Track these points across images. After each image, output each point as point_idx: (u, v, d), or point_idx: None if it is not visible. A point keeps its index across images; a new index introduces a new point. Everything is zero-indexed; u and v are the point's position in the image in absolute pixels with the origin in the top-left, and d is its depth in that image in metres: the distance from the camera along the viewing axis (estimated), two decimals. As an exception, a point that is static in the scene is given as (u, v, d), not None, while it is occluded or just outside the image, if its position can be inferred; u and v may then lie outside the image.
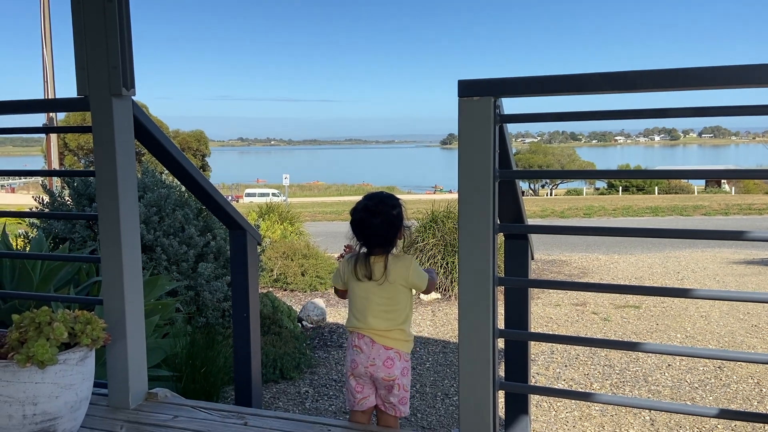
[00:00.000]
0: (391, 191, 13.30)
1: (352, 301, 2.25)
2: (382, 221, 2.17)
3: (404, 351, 2.22)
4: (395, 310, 2.19)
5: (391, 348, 2.18)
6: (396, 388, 2.20)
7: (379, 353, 2.17)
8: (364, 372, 2.19)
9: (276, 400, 4.24)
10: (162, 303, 3.89)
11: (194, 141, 36.14)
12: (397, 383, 2.20)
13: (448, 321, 6.32)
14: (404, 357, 2.22)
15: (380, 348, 2.17)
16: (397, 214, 2.21)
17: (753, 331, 5.71)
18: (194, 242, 4.95)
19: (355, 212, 2.22)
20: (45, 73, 15.90)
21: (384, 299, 2.18)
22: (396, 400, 2.22)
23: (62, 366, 1.91)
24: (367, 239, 2.20)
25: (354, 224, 2.22)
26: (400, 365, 2.20)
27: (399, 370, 2.19)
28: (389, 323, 2.18)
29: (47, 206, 5.12)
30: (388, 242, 2.20)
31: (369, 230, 2.18)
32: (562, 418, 3.90)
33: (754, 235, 1.65)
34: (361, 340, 2.20)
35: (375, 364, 2.17)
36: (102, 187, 2.16)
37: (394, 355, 2.18)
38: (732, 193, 37.49)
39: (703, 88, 1.53)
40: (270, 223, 10.76)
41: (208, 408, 2.27)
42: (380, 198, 2.23)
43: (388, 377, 2.18)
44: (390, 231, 2.19)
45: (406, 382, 2.23)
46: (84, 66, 2.16)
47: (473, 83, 1.75)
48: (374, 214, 2.17)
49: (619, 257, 10.45)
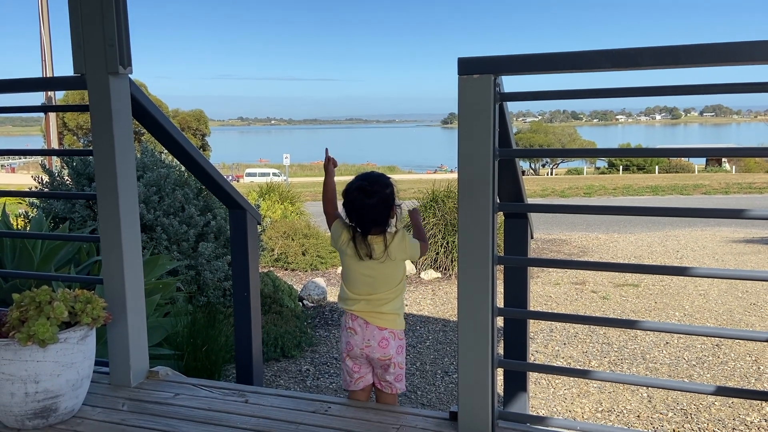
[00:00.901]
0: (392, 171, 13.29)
1: (348, 279, 2.24)
2: (377, 201, 2.15)
3: (398, 329, 2.22)
4: (391, 288, 2.19)
5: (386, 328, 2.18)
6: (392, 366, 2.21)
7: (373, 334, 2.18)
8: (359, 353, 2.20)
9: (277, 378, 4.28)
10: (163, 282, 3.91)
11: (194, 120, 36.00)
12: (393, 362, 2.21)
13: (449, 300, 6.35)
14: (398, 335, 2.23)
15: (374, 329, 2.18)
16: (390, 193, 2.20)
17: (751, 309, 5.74)
18: (194, 222, 4.95)
19: (348, 193, 2.19)
20: (43, 52, 15.77)
21: (381, 276, 2.18)
22: (392, 378, 2.24)
23: (63, 345, 1.92)
24: (362, 220, 2.18)
25: (348, 205, 2.20)
26: (395, 344, 2.21)
27: (394, 350, 2.20)
28: (383, 300, 2.18)
29: (47, 186, 5.11)
30: (383, 221, 2.19)
31: (364, 210, 2.16)
32: (560, 395, 3.94)
33: (752, 214, 1.65)
34: (354, 322, 2.20)
35: (370, 345, 2.18)
36: (100, 166, 2.15)
37: (389, 335, 2.19)
38: (732, 172, 37.42)
39: (705, 65, 1.51)
40: (270, 202, 10.76)
41: (209, 386, 2.29)
42: (374, 178, 2.21)
43: (384, 357, 2.19)
44: (385, 210, 2.18)
45: (401, 360, 2.24)
46: (80, 44, 2.14)
47: (473, 61, 1.74)
48: (369, 194, 2.15)
49: (618, 236, 10.46)
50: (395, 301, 2.21)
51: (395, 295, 2.21)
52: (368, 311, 2.18)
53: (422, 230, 2.34)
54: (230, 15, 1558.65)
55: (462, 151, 1.77)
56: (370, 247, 2.17)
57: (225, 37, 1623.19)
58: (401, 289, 2.23)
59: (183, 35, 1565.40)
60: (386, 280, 2.18)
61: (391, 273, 2.19)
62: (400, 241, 2.19)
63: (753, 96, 13.49)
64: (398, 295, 2.22)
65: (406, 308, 4.44)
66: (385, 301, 2.18)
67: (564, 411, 3.74)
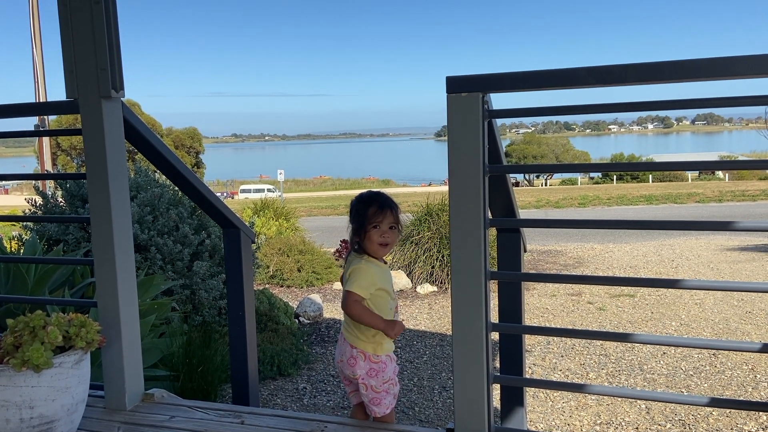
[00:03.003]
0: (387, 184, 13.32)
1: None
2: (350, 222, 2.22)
3: (369, 352, 2.14)
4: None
5: (356, 347, 2.14)
6: (363, 387, 2.15)
7: (344, 350, 2.18)
8: (338, 366, 2.24)
9: (274, 396, 4.25)
10: (158, 302, 3.90)
11: (188, 138, 36.01)
12: (362, 383, 2.15)
13: (445, 314, 6.35)
14: (371, 359, 2.14)
15: (347, 345, 2.17)
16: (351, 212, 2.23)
17: (747, 317, 5.75)
18: (189, 241, 4.95)
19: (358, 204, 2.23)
20: (36, 75, 15.80)
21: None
22: (367, 400, 2.17)
23: (58, 369, 1.92)
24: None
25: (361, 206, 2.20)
26: (364, 365, 2.13)
27: (364, 371, 2.13)
28: (350, 319, 2.17)
29: (40, 208, 5.11)
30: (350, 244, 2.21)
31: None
32: (558, 408, 3.93)
33: (743, 225, 1.67)
34: (339, 335, 2.26)
35: (342, 360, 2.19)
36: (93, 189, 2.16)
37: (358, 355, 2.14)
38: (726, 180, 37.64)
39: (688, 80, 1.54)
40: (265, 219, 10.76)
41: (205, 408, 2.28)
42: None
43: (352, 376, 2.16)
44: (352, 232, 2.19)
45: (375, 383, 2.15)
46: (72, 69, 2.15)
47: (461, 79, 1.76)
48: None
49: (614, 246, 10.49)
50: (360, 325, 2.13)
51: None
52: (346, 327, 2.21)
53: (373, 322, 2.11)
54: (222, 32, 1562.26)
55: (452, 167, 1.79)
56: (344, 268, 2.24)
57: (217, 55, 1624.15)
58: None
59: (175, 53, 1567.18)
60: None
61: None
62: (348, 270, 2.17)
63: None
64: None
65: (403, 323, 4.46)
66: (351, 324, 2.18)
67: (562, 424, 3.73)
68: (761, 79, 1.45)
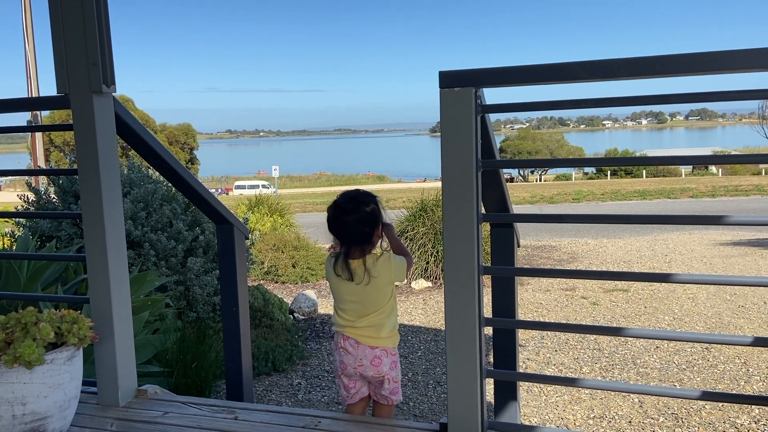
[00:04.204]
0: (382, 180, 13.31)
1: (336, 301, 2.25)
2: (356, 219, 2.14)
3: (390, 347, 2.21)
4: (379, 309, 2.18)
5: (377, 347, 2.18)
6: (386, 382, 2.22)
7: (365, 354, 2.18)
8: (353, 372, 2.21)
9: (269, 392, 4.25)
10: (151, 299, 3.89)
11: (182, 134, 35.90)
12: (387, 378, 2.22)
13: (439, 309, 6.36)
14: (391, 352, 2.22)
15: (366, 348, 2.18)
16: (371, 211, 2.17)
17: (739, 311, 5.79)
18: (183, 237, 4.93)
19: (328, 210, 2.21)
20: (28, 70, 15.70)
21: (366, 299, 2.17)
22: (387, 392, 2.25)
23: (50, 366, 1.91)
24: (342, 238, 2.18)
25: (328, 222, 2.21)
26: (388, 361, 2.21)
27: (387, 366, 2.21)
28: (372, 320, 2.18)
29: (33, 204, 5.08)
30: (364, 240, 2.17)
31: (342, 227, 2.16)
32: (552, 402, 3.95)
33: (734, 220, 1.67)
34: (346, 342, 2.20)
35: (363, 364, 2.19)
36: (85, 185, 2.15)
37: (381, 353, 2.18)
38: (719, 175, 37.80)
39: (680, 75, 1.54)
40: (260, 215, 10.73)
41: (199, 403, 2.28)
42: (352, 196, 2.20)
43: (377, 374, 2.20)
44: (365, 229, 2.16)
45: (395, 374, 2.24)
46: (63, 64, 2.14)
47: (453, 74, 1.75)
48: (346, 212, 2.15)
49: (608, 241, 10.53)
50: (387, 322, 2.19)
51: (385, 316, 2.20)
52: (359, 332, 2.19)
53: (399, 244, 2.30)
54: (215, 28, 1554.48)
55: (445, 163, 1.79)
56: (350, 270, 2.16)
57: (211, 50, 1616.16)
58: (391, 308, 2.21)
59: (168, 49, 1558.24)
60: (373, 302, 2.17)
61: (376, 295, 2.17)
62: (386, 264, 2.17)
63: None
64: (389, 316, 2.21)
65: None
66: (375, 322, 2.18)
67: (556, 418, 3.75)
68: (758, 73, 1.45)
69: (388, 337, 2.21)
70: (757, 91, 1.55)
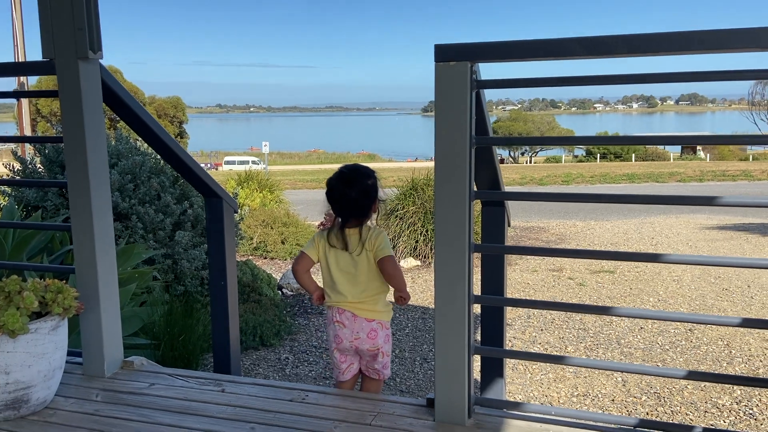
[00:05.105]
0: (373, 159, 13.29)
1: (328, 275, 2.24)
2: (358, 192, 2.17)
3: (385, 320, 2.25)
4: (373, 279, 2.19)
5: (373, 320, 2.20)
6: (380, 356, 2.25)
7: (362, 326, 2.20)
8: (349, 346, 2.23)
9: (256, 366, 4.26)
10: (138, 271, 3.86)
11: (171, 107, 35.47)
12: (381, 351, 2.24)
13: (428, 288, 6.38)
14: (386, 326, 2.26)
15: (363, 321, 2.19)
16: (372, 185, 2.20)
17: (723, 294, 5.86)
18: (171, 210, 4.89)
19: (330, 182, 2.22)
20: (15, 38, 15.36)
21: (361, 270, 2.18)
22: (380, 366, 2.28)
23: (34, 335, 1.89)
24: (342, 210, 2.20)
25: (329, 195, 2.21)
26: (383, 334, 2.24)
27: (382, 339, 2.24)
28: (367, 293, 2.19)
29: (19, 174, 5.00)
30: (362, 213, 2.20)
31: (344, 200, 2.18)
32: (537, 380, 3.99)
33: (724, 201, 1.67)
34: (342, 315, 2.20)
35: (359, 337, 2.20)
36: (70, 152, 2.10)
37: (377, 326, 2.21)
38: (707, 160, 38.05)
39: (679, 53, 1.52)
40: (249, 191, 10.67)
41: (185, 375, 2.27)
42: (355, 168, 2.23)
43: (373, 348, 2.22)
44: (365, 201, 2.18)
45: (388, 348, 2.28)
46: (49, 28, 2.08)
47: (450, 48, 1.73)
48: (349, 184, 2.17)
49: (595, 223, 10.59)
50: (382, 295, 2.22)
51: (379, 289, 2.21)
52: (355, 305, 2.19)
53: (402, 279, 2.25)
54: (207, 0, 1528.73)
55: (438, 138, 1.77)
56: (345, 239, 2.18)
57: (201, 23, 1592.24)
58: (384, 284, 2.23)
59: (158, 20, 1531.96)
60: (366, 273, 2.18)
61: (368, 267, 2.19)
62: (376, 238, 2.19)
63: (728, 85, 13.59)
64: (383, 290, 2.23)
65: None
66: (370, 295, 2.19)
67: (540, 396, 3.79)
68: (760, 53, 1.44)
69: (383, 310, 2.24)
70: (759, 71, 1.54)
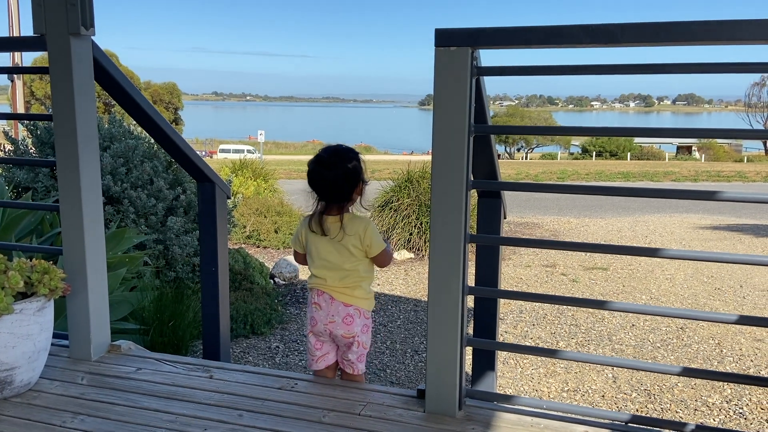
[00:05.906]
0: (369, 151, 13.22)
1: (310, 258, 2.20)
2: (336, 175, 2.08)
3: (364, 308, 2.17)
4: (354, 266, 2.13)
5: (351, 305, 2.13)
6: (355, 345, 2.17)
7: (338, 310, 2.13)
8: (323, 329, 2.15)
9: (246, 354, 4.23)
10: (129, 256, 3.81)
11: (166, 93, 35.23)
12: (356, 340, 2.16)
13: (421, 280, 6.36)
14: (364, 314, 2.18)
15: (339, 305, 2.13)
16: (353, 168, 2.11)
17: (715, 293, 5.87)
18: (163, 195, 4.84)
19: (309, 164, 2.14)
20: (10, 14, 15.18)
21: (341, 256, 2.12)
22: (354, 358, 2.19)
23: (19, 316, 1.85)
24: (321, 192, 2.12)
25: (308, 176, 2.15)
26: (360, 322, 2.16)
27: (359, 327, 2.16)
28: (348, 279, 2.13)
29: (9, 154, 4.94)
30: (342, 197, 2.11)
31: (322, 182, 2.10)
32: (527, 375, 3.98)
33: (722, 196, 1.65)
34: (320, 297, 2.15)
35: (334, 321, 2.13)
36: (60, 130, 2.06)
37: (354, 312, 2.14)
38: (702, 161, 38.17)
39: (685, 43, 1.49)
40: (243, 179, 10.60)
41: (173, 361, 2.24)
42: (335, 152, 2.13)
43: (347, 334, 2.14)
44: (345, 185, 2.10)
45: (365, 339, 2.19)
46: (41, 2, 2.03)
47: (451, 32, 1.69)
48: (328, 166, 2.09)
49: (589, 220, 10.59)
50: (362, 283, 2.15)
51: (360, 276, 2.15)
52: (334, 288, 2.14)
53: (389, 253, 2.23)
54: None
55: (437, 125, 1.73)
56: (325, 224, 2.11)
57: (198, 8, 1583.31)
58: (366, 271, 2.16)
59: (154, 4, 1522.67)
60: (347, 259, 2.12)
61: (348, 253, 2.12)
62: (360, 225, 2.12)
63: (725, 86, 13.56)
64: (364, 278, 2.16)
65: (377, 288, 4.42)
66: (350, 282, 2.13)
67: (531, 390, 3.78)
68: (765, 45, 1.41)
69: (363, 298, 2.16)
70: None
